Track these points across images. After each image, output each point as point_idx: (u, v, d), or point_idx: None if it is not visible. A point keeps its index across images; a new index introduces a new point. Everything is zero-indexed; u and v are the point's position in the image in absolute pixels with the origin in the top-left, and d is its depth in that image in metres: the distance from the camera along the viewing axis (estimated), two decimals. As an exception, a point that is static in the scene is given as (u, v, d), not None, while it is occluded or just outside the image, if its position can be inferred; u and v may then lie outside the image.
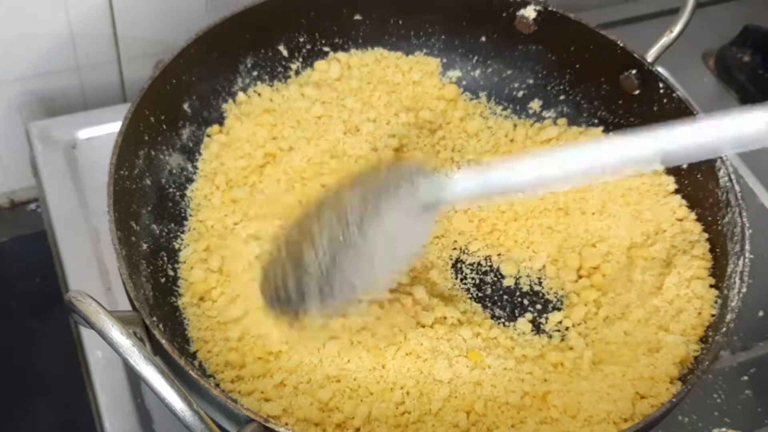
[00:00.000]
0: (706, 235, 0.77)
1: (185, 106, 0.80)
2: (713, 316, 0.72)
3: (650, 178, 0.81)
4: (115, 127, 0.71)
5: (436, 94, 0.89)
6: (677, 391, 0.65)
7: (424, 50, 0.90)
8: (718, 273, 0.74)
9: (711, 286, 0.74)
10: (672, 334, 0.71)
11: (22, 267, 1.00)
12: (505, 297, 0.77)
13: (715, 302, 0.73)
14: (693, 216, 0.79)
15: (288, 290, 0.63)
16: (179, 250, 0.76)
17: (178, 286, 0.74)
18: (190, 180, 0.80)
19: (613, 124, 0.85)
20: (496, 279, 0.79)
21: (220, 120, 0.83)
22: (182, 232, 0.77)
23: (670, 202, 0.80)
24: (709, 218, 0.77)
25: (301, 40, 0.87)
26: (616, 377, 0.69)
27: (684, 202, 0.80)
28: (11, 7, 0.89)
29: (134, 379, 0.74)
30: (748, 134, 0.57)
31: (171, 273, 0.74)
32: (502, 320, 0.76)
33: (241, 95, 0.85)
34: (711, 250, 0.76)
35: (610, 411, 0.66)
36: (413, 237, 0.67)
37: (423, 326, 0.72)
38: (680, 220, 0.79)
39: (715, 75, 1.05)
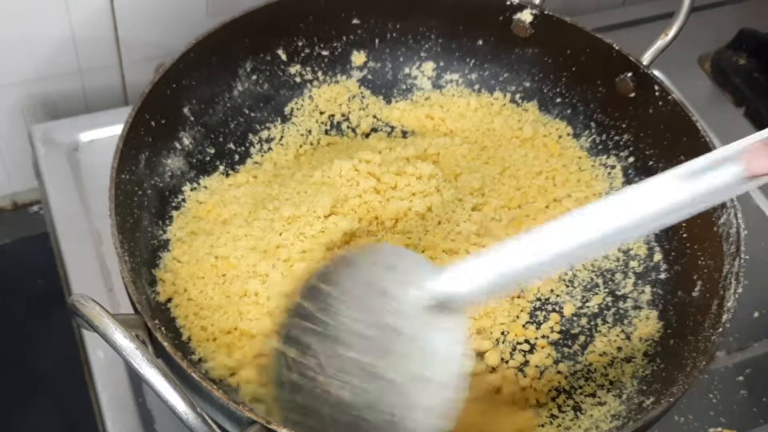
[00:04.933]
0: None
1: (185, 110, 0.80)
2: (709, 316, 0.73)
3: (646, 180, 0.82)
4: (116, 129, 0.71)
5: None
6: (673, 392, 0.66)
7: (422, 54, 0.91)
8: (714, 274, 0.74)
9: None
10: (667, 335, 0.72)
11: (25, 268, 1.00)
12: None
13: (711, 303, 0.73)
14: (688, 217, 0.79)
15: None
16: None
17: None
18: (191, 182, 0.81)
19: (608, 126, 0.86)
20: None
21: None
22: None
23: (665, 203, 0.80)
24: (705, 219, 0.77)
25: (300, 44, 0.87)
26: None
27: (680, 203, 0.80)
28: (13, 12, 0.89)
29: (136, 380, 0.74)
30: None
31: (172, 275, 0.75)
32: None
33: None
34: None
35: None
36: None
37: None
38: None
39: (710, 78, 1.06)
